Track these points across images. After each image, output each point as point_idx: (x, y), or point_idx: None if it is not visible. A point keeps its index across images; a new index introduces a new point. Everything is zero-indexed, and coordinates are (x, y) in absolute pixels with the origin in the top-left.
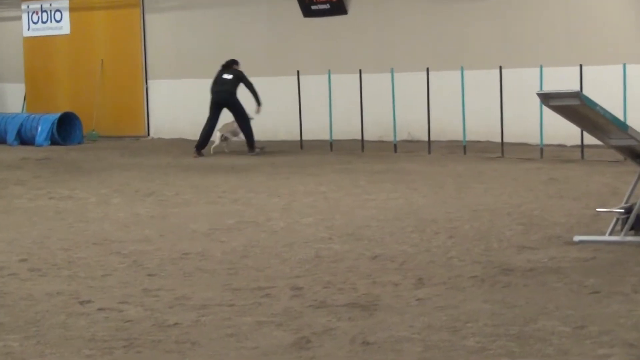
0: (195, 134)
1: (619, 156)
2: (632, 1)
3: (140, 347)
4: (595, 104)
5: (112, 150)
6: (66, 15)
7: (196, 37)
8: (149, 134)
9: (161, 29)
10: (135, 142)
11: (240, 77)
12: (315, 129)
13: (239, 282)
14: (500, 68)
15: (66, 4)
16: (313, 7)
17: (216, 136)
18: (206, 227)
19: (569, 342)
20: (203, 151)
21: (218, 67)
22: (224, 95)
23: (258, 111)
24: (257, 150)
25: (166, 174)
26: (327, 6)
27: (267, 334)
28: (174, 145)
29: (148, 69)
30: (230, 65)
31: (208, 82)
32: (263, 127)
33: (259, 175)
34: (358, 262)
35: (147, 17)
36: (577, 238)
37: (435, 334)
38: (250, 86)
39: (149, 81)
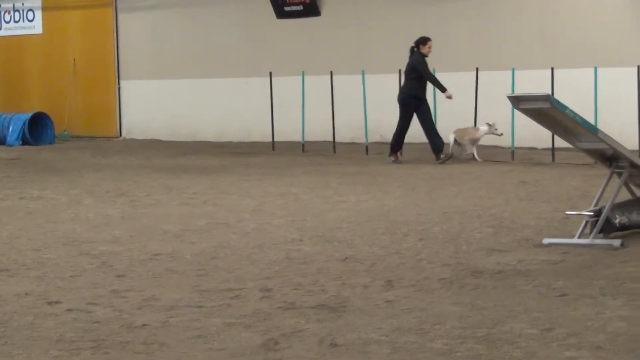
0: (169, 134)
1: (589, 159)
2: (604, 6)
3: (108, 348)
4: (566, 107)
5: (84, 151)
6: (39, 14)
7: (169, 37)
8: (121, 135)
9: (134, 29)
10: (107, 143)
11: (412, 66)
12: (288, 130)
13: (208, 283)
14: (477, 70)
15: (39, 3)
16: (286, 9)
17: (450, 139)
18: (177, 228)
19: (536, 344)
20: (399, 155)
21: (191, 68)
22: (398, 95)
23: (449, 96)
24: (442, 156)
25: (137, 175)
26: (300, 7)
27: (235, 335)
28: (147, 146)
29: (121, 69)
30: (413, 50)
31: (181, 83)
32: (236, 128)
33: (231, 177)
34: (328, 263)
35: (120, 17)
36: (546, 241)
37: (403, 336)
38: (425, 74)
39: (121, 81)
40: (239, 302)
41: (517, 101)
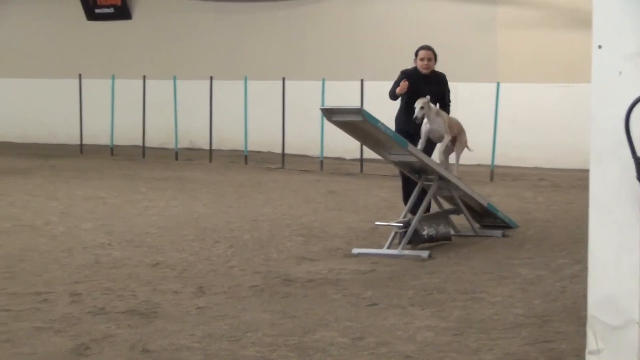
0: None
1: (396, 171)
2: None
3: None
4: (377, 121)
5: None
6: None
7: None
8: None
9: None
10: None
11: None
12: (97, 134)
13: (15, 286)
14: (284, 79)
15: None
16: (97, 11)
17: None
18: None
19: (347, 353)
20: None
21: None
22: None
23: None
24: None
25: None
26: (111, 10)
27: (45, 340)
28: None
29: None
30: None
31: None
32: (42, 129)
33: (37, 179)
34: (138, 269)
35: None
36: (355, 251)
37: (215, 343)
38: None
39: None
40: (48, 306)
41: (330, 114)
